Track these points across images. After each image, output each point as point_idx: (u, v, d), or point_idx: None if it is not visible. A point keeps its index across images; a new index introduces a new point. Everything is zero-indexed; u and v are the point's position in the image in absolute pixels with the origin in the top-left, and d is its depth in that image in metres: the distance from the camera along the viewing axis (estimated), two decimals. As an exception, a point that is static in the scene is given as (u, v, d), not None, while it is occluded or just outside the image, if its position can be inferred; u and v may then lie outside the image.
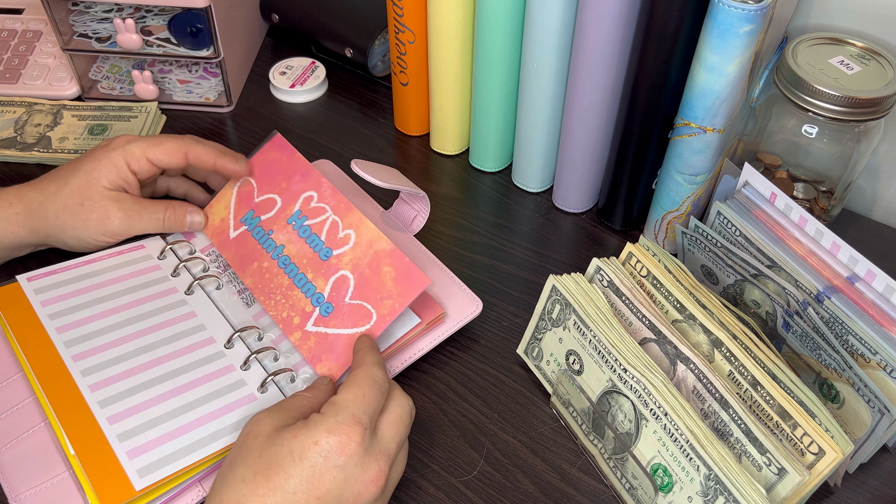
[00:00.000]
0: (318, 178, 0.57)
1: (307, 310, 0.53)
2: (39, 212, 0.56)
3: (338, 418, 0.42)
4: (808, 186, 0.61)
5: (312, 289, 0.53)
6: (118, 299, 0.55)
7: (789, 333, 0.51)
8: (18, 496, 0.46)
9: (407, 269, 0.51)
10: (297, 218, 0.57)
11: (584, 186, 0.66)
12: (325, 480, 0.41)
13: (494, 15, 0.59)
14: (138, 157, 0.57)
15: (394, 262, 0.52)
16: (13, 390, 0.51)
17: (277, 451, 0.41)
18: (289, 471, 0.40)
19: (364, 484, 0.42)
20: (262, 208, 0.58)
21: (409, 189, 0.60)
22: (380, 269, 0.52)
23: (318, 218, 0.56)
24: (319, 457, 0.41)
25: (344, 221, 0.55)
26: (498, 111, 0.66)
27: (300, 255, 0.55)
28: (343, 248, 0.54)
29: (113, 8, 0.73)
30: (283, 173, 0.59)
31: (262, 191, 0.59)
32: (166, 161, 0.57)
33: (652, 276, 0.51)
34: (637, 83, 0.56)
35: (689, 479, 0.44)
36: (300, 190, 0.58)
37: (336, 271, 0.53)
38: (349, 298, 0.52)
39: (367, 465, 0.42)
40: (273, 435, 0.42)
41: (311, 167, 0.58)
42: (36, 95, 0.75)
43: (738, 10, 0.48)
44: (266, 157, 0.60)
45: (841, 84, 0.54)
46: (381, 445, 0.43)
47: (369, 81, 0.81)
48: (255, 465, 0.41)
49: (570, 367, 0.51)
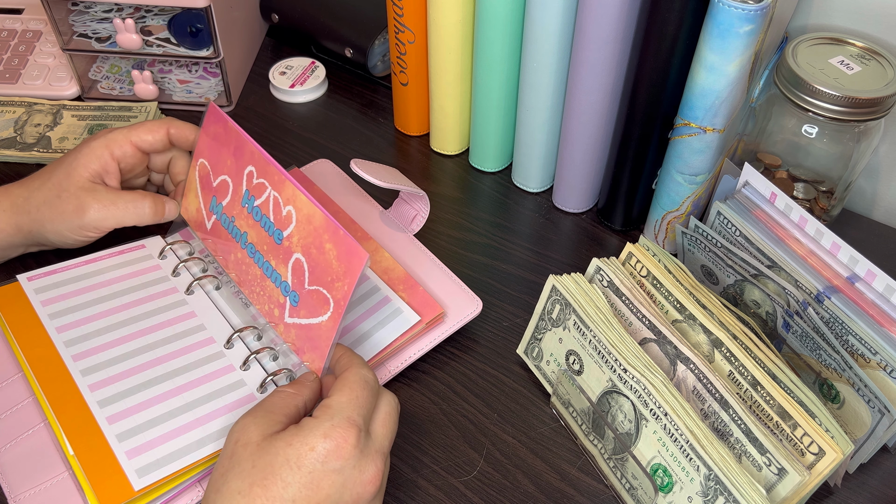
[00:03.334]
0: (252, 148, 0.52)
1: (280, 301, 0.51)
2: (24, 207, 0.56)
3: (333, 422, 0.41)
4: (808, 186, 0.61)
5: (279, 278, 0.51)
6: (118, 299, 0.55)
7: (789, 333, 0.51)
8: (18, 496, 0.46)
9: (346, 245, 0.46)
10: (248, 199, 0.53)
11: (584, 186, 0.66)
12: (324, 486, 0.40)
13: (494, 15, 0.59)
14: (121, 142, 0.56)
15: (333, 238, 0.47)
16: (13, 390, 0.51)
17: (272, 460, 0.40)
18: (286, 479, 0.40)
19: (362, 485, 0.42)
20: (220, 192, 0.55)
21: (408, 189, 0.60)
22: (323, 247, 0.48)
23: (263, 196, 0.52)
24: (317, 462, 0.40)
25: (282, 197, 0.50)
26: (498, 111, 0.66)
27: (260, 241, 0.52)
28: (289, 227, 0.50)
29: (113, 8, 0.73)
30: (226, 148, 0.54)
31: (216, 172, 0.55)
32: (149, 140, 0.57)
33: (652, 277, 0.51)
34: (637, 83, 0.56)
35: (689, 480, 0.44)
36: (242, 166, 0.53)
37: (290, 255, 0.50)
38: (308, 284, 0.49)
39: (364, 466, 0.42)
40: (264, 443, 0.41)
41: (243, 136, 0.53)
42: (36, 95, 0.75)
43: (738, 10, 0.48)
44: (209, 134, 0.56)
45: (841, 84, 0.54)
46: (375, 444, 0.43)
47: (369, 81, 0.81)
48: (251, 476, 0.40)
49: (570, 367, 0.51)
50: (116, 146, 0.56)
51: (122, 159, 0.57)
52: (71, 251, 0.59)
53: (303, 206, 0.49)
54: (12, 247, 0.58)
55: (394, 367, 0.54)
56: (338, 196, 0.65)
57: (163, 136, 0.57)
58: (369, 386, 0.44)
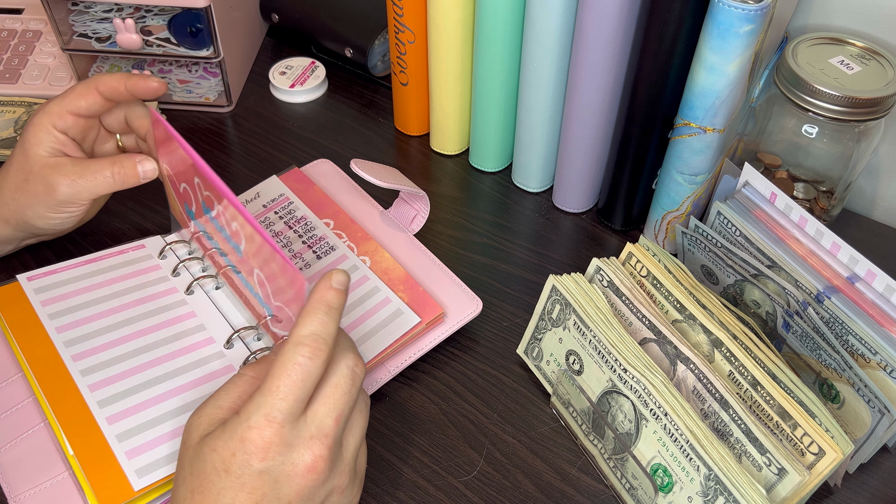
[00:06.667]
0: (190, 154, 0.49)
1: (262, 313, 0.51)
2: (0, 199, 0.55)
3: (249, 422, 0.39)
4: (808, 186, 0.61)
5: (252, 288, 0.50)
6: (118, 299, 0.55)
7: (789, 333, 0.51)
8: (18, 496, 0.46)
9: (282, 265, 0.44)
10: (206, 209, 0.51)
11: (584, 186, 0.66)
12: (256, 487, 0.39)
13: (494, 15, 0.59)
14: (59, 114, 0.55)
15: (273, 255, 0.44)
16: (13, 390, 0.51)
17: (203, 467, 0.39)
18: (218, 485, 0.39)
19: (300, 476, 0.39)
20: (187, 200, 0.54)
21: (408, 189, 0.60)
22: (270, 263, 0.45)
23: (215, 208, 0.49)
24: (242, 467, 0.39)
25: (226, 213, 0.48)
26: (498, 111, 0.66)
27: (229, 251, 0.51)
28: (242, 242, 0.48)
29: (113, 8, 0.73)
30: (174, 156, 0.52)
31: (178, 178, 0.53)
32: (83, 105, 0.55)
33: (652, 277, 0.51)
34: (637, 83, 0.56)
35: (689, 480, 0.44)
36: (190, 174, 0.50)
37: (252, 270, 0.48)
38: (273, 300, 0.48)
39: (296, 458, 0.39)
40: (197, 448, 0.40)
41: (181, 144, 0.50)
42: (36, 95, 0.75)
43: (738, 10, 0.48)
44: (159, 139, 0.54)
45: (841, 84, 0.54)
46: (311, 429, 0.40)
47: (369, 81, 0.81)
48: (191, 483, 0.40)
49: (570, 367, 0.51)
50: (57, 119, 0.55)
51: (68, 130, 0.55)
52: (71, 251, 0.59)
53: (243, 226, 0.47)
54: (6, 241, 0.58)
55: (394, 367, 0.54)
56: (338, 196, 0.65)
57: (95, 98, 0.55)
58: (299, 368, 0.39)
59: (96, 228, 0.63)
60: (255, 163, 0.71)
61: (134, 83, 0.55)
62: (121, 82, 0.55)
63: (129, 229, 0.64)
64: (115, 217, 0.65)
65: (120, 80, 0.55)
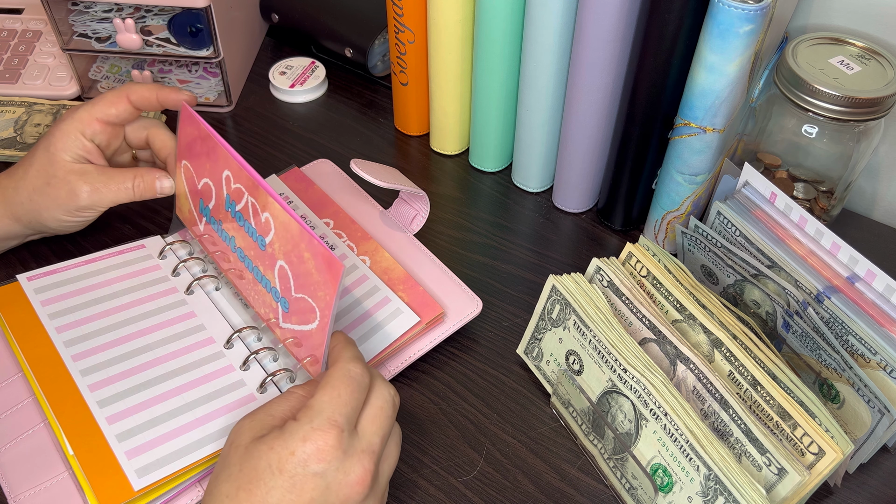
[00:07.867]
0: (225, 152, 0.51)
1: (273, 306, 0.51)
2: (15, 198, 0.56)
3: (313, 424, 0.40)
4: (808, 186, 0.61)
5: (268, 283, 0.50)
6: (118, 299, 0.55)
7: (789, 333, 0.51)
8: (18, 496, 0.46)
9: (322, 255, 0.45)
10: (230, 204, 0.52)
11: (584, 186, 0.66)
12: (307, 490, 0.40)
13: (494, 15, 0.59)
14: (88, 121, 0.56)
15: (310, 248, 0.46)
16: (13, 390, 0.51)
17: (256, 465, 0.40)
18: (269, 484, 0.40)
19: (349, 486, 0.41)
20: (205, 196, 0.54)
21: (408, 189, 0.60)
22: (302, 255, 0.47)
23: (242, 202, 0.51)
24: (298, 466, 0.40)
25: (259, 203, 0.49)
26: (498, 111, 0.66)
27: (247, 246, 0.51)
28: (269, 234, 0.49)
29: (113, 8, 0.73)
30: (203, 151, 0.53)
31: (199, 174, 0.54)
32: (113, 113, 0.56)
33: (652, 277, 0.51)
34: (637, 83, 0.56)
35: (688, 480, 0.44)
36: (219, 169, 0.52)
37: (275, 262, 0.49)
38: (294, 292, 0.48)
39: (349, 467, 0.41)
40: (251, 447, 0.41)
41: (216, 138, 0.51)
42: (36, 95, 0.75)
43: (738, 10, 0.48)
44: (185, 136, 0.55)
45: (841, 84, 0.54)
46: (362, 444, 0.42)
47: (369, 81, 0.81)
48: (238, 480, 0.40)
49: (570, 367, 0.51)
50: (86, 126, 0.56)
51: (95, 137, 0.56)
52: (71, 251, 0.59)
53: (278, 214, 0.48)
54: (13, 237, 0.58)
55: (394, 367, 0.54)
56: (338, 196, 0.65)
57: (126, 106, 0.56)
58: (354, 382, 0.43)
59: (96, 228, 0.63)
60: (255, 163, 0.71)
61: (166, 94, 0.57)
62: (153, 92, 0.57)
63: (129, 229, 0.64)
64: (115, 217, 0.65)
65: (152, 90, 0.57)
